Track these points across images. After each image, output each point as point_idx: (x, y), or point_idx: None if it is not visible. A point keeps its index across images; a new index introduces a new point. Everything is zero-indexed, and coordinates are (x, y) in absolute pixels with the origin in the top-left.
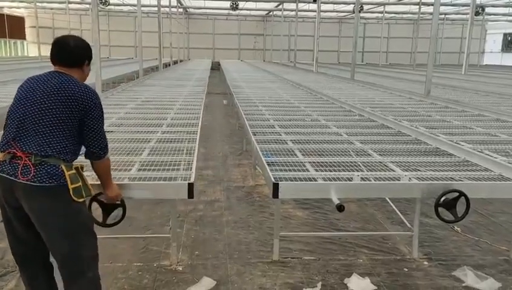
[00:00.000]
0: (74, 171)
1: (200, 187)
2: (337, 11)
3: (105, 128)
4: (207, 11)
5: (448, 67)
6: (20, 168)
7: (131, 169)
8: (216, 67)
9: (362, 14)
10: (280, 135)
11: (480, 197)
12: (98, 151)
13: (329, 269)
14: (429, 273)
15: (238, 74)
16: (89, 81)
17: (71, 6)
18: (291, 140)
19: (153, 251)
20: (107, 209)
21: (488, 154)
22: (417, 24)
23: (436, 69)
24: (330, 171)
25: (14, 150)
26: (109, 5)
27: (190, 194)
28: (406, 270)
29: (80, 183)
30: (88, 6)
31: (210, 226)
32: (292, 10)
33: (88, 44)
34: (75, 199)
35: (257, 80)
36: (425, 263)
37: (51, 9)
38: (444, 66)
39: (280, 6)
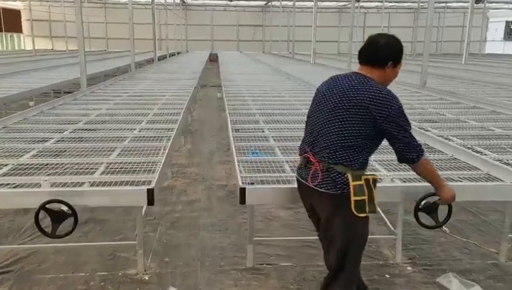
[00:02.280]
0: (361, 182)
1: (180, 186)
2: (337, 1)
3: (82, 126)
4: (205, 2)
5: (449, 57)
6: (310, 173)
7: (94, 172)
8: (215, 59)
9: (362, 4)
10: (263, 131)
11: (464, 200)
12: (409, 155)
13: (306, 277)
14: (412, 280)
15: (234, 66)
16: (74, 75)
17: None
18: (273, 137)
19: (121, 258)
20: (56, 218)
21: (478, 151)
22: (417, 13)
23: (437, 58)
24: None
25: (308, 155)
26: None
27: (150, 201)
28: (388, 276)
29: (365, 197)
30: None
31: (186, 230)
32: (290, 0)
33: (399, 45)
34: (355, 212)
35: (252, 72)
36: (409, 268)
37: (47, 1)
38: (446, 55)
39: None
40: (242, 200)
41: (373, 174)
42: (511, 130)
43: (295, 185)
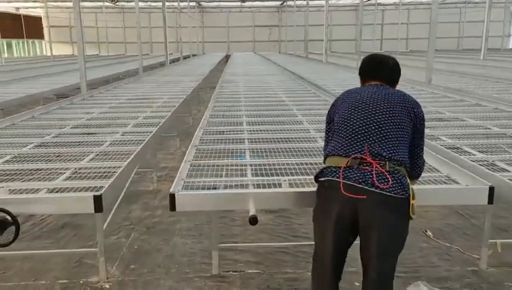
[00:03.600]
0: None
1: (166, 191)
2: None
3: (67, 130)
4: (221, 3)
5: (470, 52)
6: (374, 175)
7: (57, 178)
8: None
9: (379, 1)
10: (242, 133)
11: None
12: (421, 170)
13: (271, 284)
14: None
15: (241, 67)
16: (71, 80)
17: (86, 4)
18: (249, 139)
19: (86, 265)
20: None
21: (466, 151)
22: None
23: (456, 54)
24: (262, 176)
25: (364, 156)
26: (118, 1)
27: (98, 208)
28: (358, 284)
29: (415, 201)
30: (101, 4)
31: (160, 235)
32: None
33: None
34: (412, 216)
35: (257, 73)
36: None
37: (67, 8)
38: (467, 50)
39: None
40: (172, 207)
41: None
42: (510, 129)
43: (237, 191)
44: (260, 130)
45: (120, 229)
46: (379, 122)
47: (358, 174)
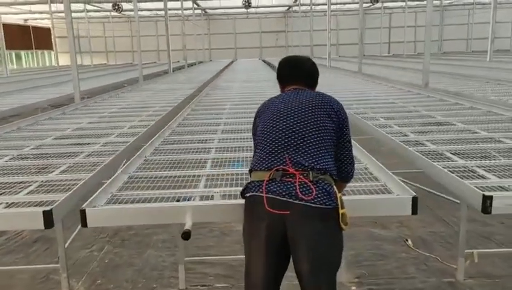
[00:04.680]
0: (340, 193)
1: None
2: (357, 3)
3: (49, 141)
4: (227, 11)
5: (478, 54)
6: (297, 187)
7: (20, 192)
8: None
9: (386, 4)
10: (212, 141)
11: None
12: (352, 172)
13: None
14: None
15: (240, 73)
16: (69, 90)
17: (94, 14)
18: (217, 148)
19: (52, 281)
20: None
21: (447, 157)
22: (442, 11)
23: (464, 56)
24: (210, 187)
25: (286, 167)
26: (122, 11)
27: (48, 224)
28: None
29: (345, 210)
30: (108, 13)
31: (134, 248)
32: (313, 4)
33: None
34: (343, 226)
35: (253, 79)
36: (353, 288)
37: (74, 18)
38: (476, 52)
39: (298, 2)
40: (84, 223)
41: None
42: (498, 133)
43: (159, 205)
44: (233, 139)
45: (94, 242)
46: (299, 131)
47: (281, 187)
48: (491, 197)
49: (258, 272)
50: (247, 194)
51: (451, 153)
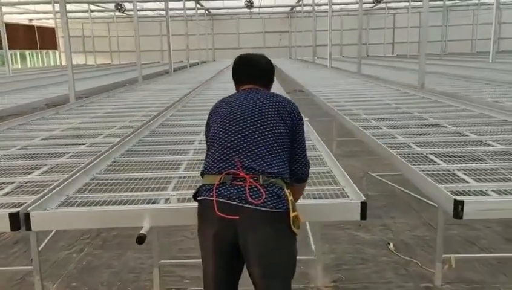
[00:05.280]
0: (291, 196)
1: None
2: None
3: (36, 142)
4: (230, 11)
5: (482, 55)
6: (247, 191)
7: None
8: None
9: (390, 4)
10: (192, 143)
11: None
12: (305, 173)
13: None
14: None
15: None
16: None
17: (98, 14)
18: (196, 149)
19: (28, 283)
20: None
21: (432, 161)
22: (447, 11)
23: (467, 57)
24: (180, 189)
25: (236, 171)
26: (125, 11)
27: (14, 227)
28: None
29: (296, 213)
30: (112, 14)
31: (114, 249)
32: (316, 5)
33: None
34: (294, 229)
35: None
36: None
37: (78, 18)
38: (480, 53)
39: (301, 2)
40: (28, 226)
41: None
42: (486, 136)
43: (112, 208)
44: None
45: (76, 243)
46: (250, 134)
47: (232, 191)
48: (462, 202)
49: (213, 274)
50: (199, 198)
51: (435, 155)
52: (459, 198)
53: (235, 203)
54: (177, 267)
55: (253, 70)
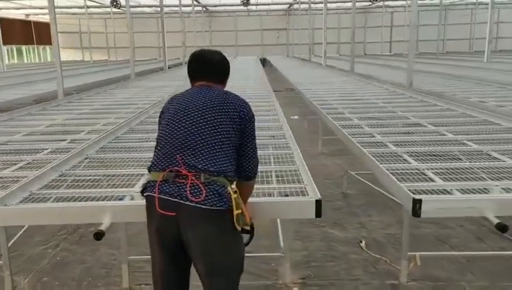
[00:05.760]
0: (236, 194)
1: None
2: (360, 0)
3: (18, 138)
4: (228, 8)
5: (479, 54)
6: (188, 188)
7: None
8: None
9: (387, 3)
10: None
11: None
12: (253, 171)
13: None
14: None
15: (232, 72)
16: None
17: (95, 10)
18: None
19: None
20: None
21: (405, 160)
22: (444, 10)
23: (464, 56)
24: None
25: (178, 168)
26: (121, 7)
27: None
28: None
29: (240, 210)
30: (108, 10)
31: (90, 245)
32: (312, 3)
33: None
34: (237, 227)
35: (244, 77)
36: (295, 289)
37: (74, 14)
38: (478, 52)
39: (298, 0)
40: None
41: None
42: (463, 135)
43: (73, 204)
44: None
45: (52, 239)
46: (196, 133)
47: (173, 188)
48: (420, 201)
49: (159, 269)
50: (145, 194)
51: (408, 155)
52: (417, 197)
53: (176, 200)
54: (147, 263)
55: (206, 67)
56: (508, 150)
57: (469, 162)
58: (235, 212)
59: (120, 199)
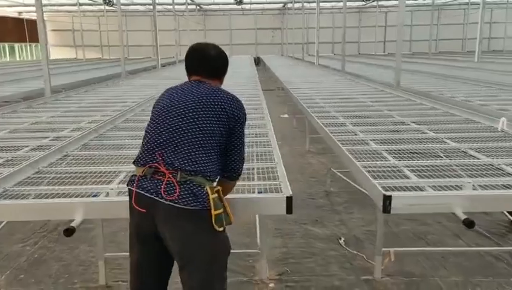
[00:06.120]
0: (216, 194)
1: None
2: (355, 0)
3: (3, 134)
4: (222, 6)
5: (471, 55)
6: (163, 186)
7: None
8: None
9: (381, 2)
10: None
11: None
12: (237, 171)
13: None
14: None
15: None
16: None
17: (88, 8)
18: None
19: None
20: None
21: (383, 157)
22: (438, 10)
23: (456, 56)
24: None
25: (157, 165)
26: (113, 4)
27: None
28: None
29: (221, 210)
30: (101, 7)
31: (69, 243)
32: (306, 2)
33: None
34: (216, 227)
35: (237, 76)
36: (271, 285)
37: (69, 12)
38: (470, 52)
39: None
40: None
41: (217, 186)
42: (445, 134)
43: (45, 201)
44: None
45: (32, 236)
46: (177, 130)
47: (150, 184)
48: (390, 197)
49: (134, 262)
50: (127, 187)
51: (388, 152)
52: (387, 193)
53: (152, 196)
54: (125, 260)
55: (200, 61)
56: (485, 148)
57: (448, 159)
58: (213, 212)
59: (94, 196)
